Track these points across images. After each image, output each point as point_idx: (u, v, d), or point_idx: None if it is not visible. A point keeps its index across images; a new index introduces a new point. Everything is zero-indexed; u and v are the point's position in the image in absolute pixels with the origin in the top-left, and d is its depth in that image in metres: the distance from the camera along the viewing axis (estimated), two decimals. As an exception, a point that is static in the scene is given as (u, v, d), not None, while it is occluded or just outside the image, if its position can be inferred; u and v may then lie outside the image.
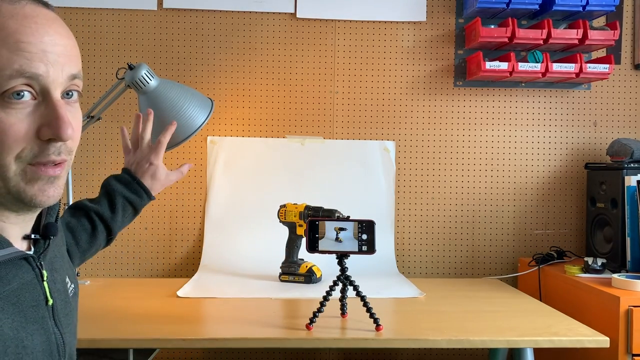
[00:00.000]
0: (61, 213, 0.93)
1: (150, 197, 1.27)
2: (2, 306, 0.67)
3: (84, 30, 1.95)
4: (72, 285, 0.85)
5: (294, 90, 2.01)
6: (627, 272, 1.67)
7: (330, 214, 1.64)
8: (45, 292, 0.75)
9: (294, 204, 1.74)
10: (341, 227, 1.28)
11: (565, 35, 1.86)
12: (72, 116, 0.70)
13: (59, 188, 0.71)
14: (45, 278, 0.75)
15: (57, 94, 0.68)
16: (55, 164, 0.69)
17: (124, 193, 1.22)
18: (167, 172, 1.32)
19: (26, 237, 0.76)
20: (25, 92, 0.65)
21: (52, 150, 0.68)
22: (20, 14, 0.65)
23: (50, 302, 0.75)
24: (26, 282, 0.72)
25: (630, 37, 2.04)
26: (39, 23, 0.66)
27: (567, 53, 1.99)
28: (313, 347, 1.90)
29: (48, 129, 0.66)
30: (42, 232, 0.77)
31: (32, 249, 0.77)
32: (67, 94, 0.70)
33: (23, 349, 0.68)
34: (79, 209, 1.19)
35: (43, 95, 0.67)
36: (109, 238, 1.22)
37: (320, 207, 1.69)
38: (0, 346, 0.64)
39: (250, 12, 1.99)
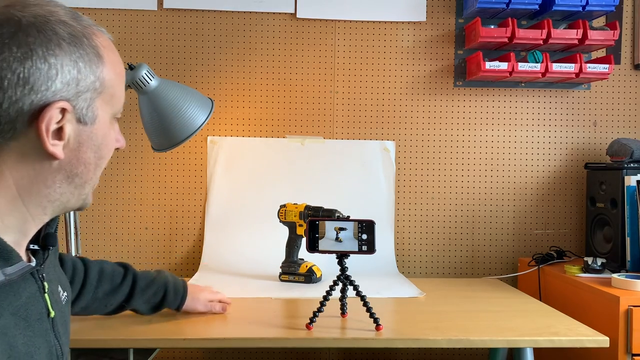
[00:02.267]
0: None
1: (184, 299, 1.35)
2: (16, 321, 0.68)
3: (84, 30, 1.95)
4: (65, 293, 0.86)
5: (294, 90, 2.01)
6: (626, 272, 1.67)
7: (330, 214, 1.64)
8: (47, 304, 0.76)
9: (294, 204, 1.74)
10: (341, 227, 1.28)
11: (565, 35, 1.86)
12: None
13: None
14: (46, 290, 0.77)
15: None
16: None
17: (168, 286, 1.32)
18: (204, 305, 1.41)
19: (26, 249, 0.77)
20: None
21: None
22: (113, 48, 0.78)
23: (52, 314, 0.77)
24: (31, 295, 0.73)
25: (630, 37, 2.04)
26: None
27: (567, 53, 1.99)
28: (313, 347, 1.90)
29: (116, 142, 0.82)
30: (41, 242, 0.79)
31: (33, 260, 0.77)
32: None
33: None
34: (123, 265, 1.30)
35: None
36: (122, 306, 1.28)
37: (320, 207, 1.69)
38: None
39: (250, 12, 1.99)
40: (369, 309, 1.27)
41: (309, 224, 1.29)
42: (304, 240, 1.60)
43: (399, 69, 2.02)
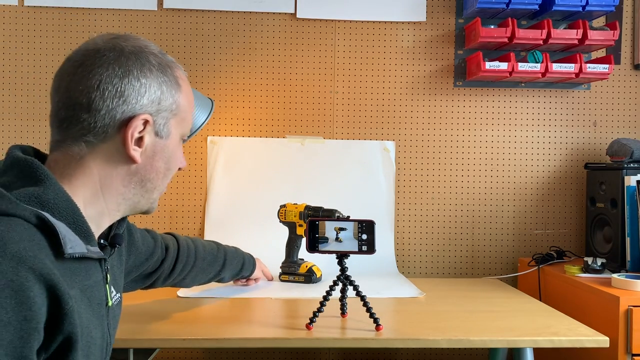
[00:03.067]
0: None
1: (254, 266, 1.64)
2: (82, 297, 0.78)
3: (84, 30, 1.95)
4: (118, 295, 0.96)
5: (294, 90, 2.01)
6: (626, 272, 1.67)
7: (330, 214, 1.64)
8: (107, 293, 0.87)
9: (294, 204, 1.74)
10: (341, 227, 1.28)
11: (565, 35, 1.86)
12: None
13: None
14: (108, 281, 0.88)
15: None
16: None
17: (245, 257, 1.61)
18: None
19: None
20: None
21: None
22: (187, 81, 0.94)
23: (110, 303, 0.87)
24: (97, 281, 0.83)
25: (630, 37, 2.04)
26: None
27: (567, 53, 1.99)
28: (313, 347, 1.90)
29: (181, 162, 0.96)
30: (110, 240, 0.92)
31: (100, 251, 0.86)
32: None
33: (91, 338, 0.78)
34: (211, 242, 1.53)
35: None
36: (219, 272, 1.50)
37: (320, 207, 1.69)
38: (80, 331, 0.73)
39: (250, 12, 1.99)
40: (369, 309, 1.27)
41: (309, 224, 1.29)
42: (304, 241, 1.59)
43: (399, 69, 2.02)
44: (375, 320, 1.26)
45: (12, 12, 1.96)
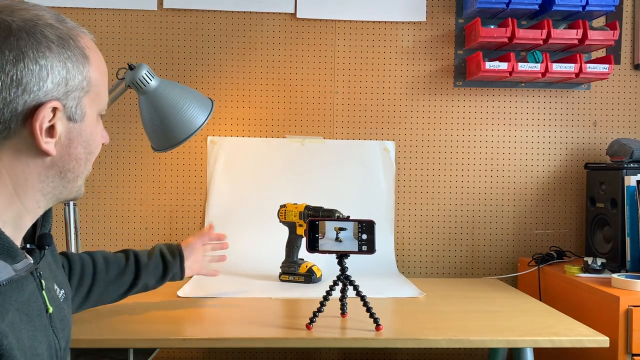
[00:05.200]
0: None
1: (182, 262, 1.42)
2: (20, 317, 0.71)
3: (84, 30, 1.95)
4: (62, 291, 0.89)
5: (294, 90, 2.01)
6: (626, 272, 1.67)
7: (330, 214, 1.64)
8: (45, 301, 0.79)
9: (294, 204, 1.74)
10: (341, 227, 1.28)
11: (565, 35, 1.86)
12: None
13: None
14: (44, 287, 0.80)
15: None
16: None
17: (162, 248, 1.41)
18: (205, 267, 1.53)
19: (22, 248, 0.79)
20: None
21: None
22: (96, 48, 0.81)
23: (50, 310, 0.80)
24: (31, 292, 0.77)
25: (630, 37, 2.04)
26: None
27: (566, 53, 1.99)
28: (313, 347, 1.90)
29: (102, 138, 0.85)
30: (37, 242, 0.83)
31: (30, 259, 0.79)
32: None
33: (37, 357, 0.73)
34: (122, 250, 1.37)
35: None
36: (135, 282, 1.34)
37: (320, 207, 1.69)
38: (22, 357, 0.68)
39: (250, 12, 1.99)
40: (369, 309, 1.27)
41: (309, 224, 1.29)
42: (304, 241, 1.59)
43: (399, 69, 2.03)
44: (375, 320, 1.26)
45: (12, 12, 1.95)
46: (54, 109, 0.73)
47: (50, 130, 0.74)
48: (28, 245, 0.81)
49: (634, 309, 1.42)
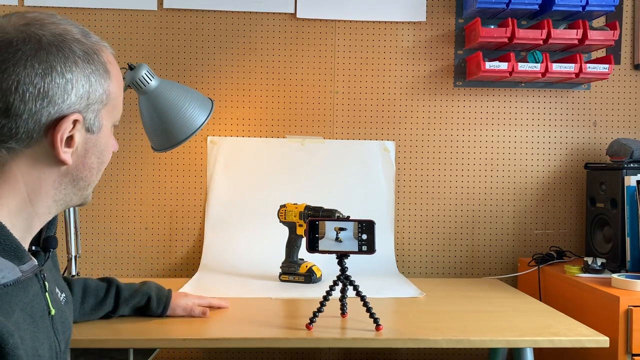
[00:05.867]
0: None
1: (165, 310, 1.35)
2: (24, 317, 0.73)
3: (84, 30, 1.95)
4: (63, 294, 0.91)
5: (294, 90, 2.01)
6: (626, 272, 1.67)
7: (330, 214, 1.64)
8: (48, 302, 0.81)
9: (294, 204, 1.74)
10: (341, 227, 1.28)
11: (565, 35, 1.86)
12: None
13: None
14: (47, 289, 0.81)
15: None
16: None
17: (151, 293, 1.34)
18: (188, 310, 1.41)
19: (28, 250, 0.80)
20: None
21: None
22: (115, 63, 0.85)
23: (53, 312, 0.81)
24: (35, 294, 0.78)
25: (630, 37, 2.04)
26: None
27: (566, 53, 1.99)
28: (313, 347, 1.90)
29: (114, 147, 0.88)
30: (42, 244, 0.85)
31: (34, 260, 0.80)
32: None
33: (39, 358, 0.74)
34: (106, 279, 1.33)
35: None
36: (109, 315, 1.31)
37: (320, 207, 1.69)
38: (25, 356, 0.69)
39: (250, 12, 1.99)
40: (369, 309, 1.27)
41: (309, 224, 1.29)
42: (304, 241, 1.59)
43: (399, 69, 2.02)
44: (375, 320, 1.26)
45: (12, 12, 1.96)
46: (75, 121, 0.76)
47: (69, 141, 0.77)
48: (34, 248, 0.83)
49: (634, 309, 1.42)
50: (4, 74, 0.71)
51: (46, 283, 0.81)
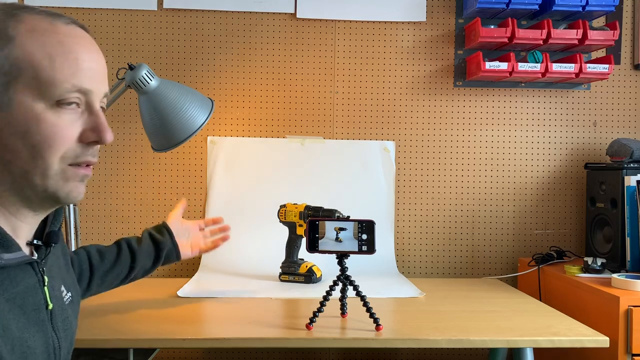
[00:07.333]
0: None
1: (172, 237, 1.40)
2: (10, 307, 0.71)
3: (84, 30, 1.95)
4: (69, 294, 0.89)
5: (294, 90, 2.01)
6: (626, 272, 1.67)
7: (330, 214, 1.64)
8: (46, 296, 0.79)
9: (294, 204, 1.74)
10: (341, 227, 1.28)
11: (565, 35, 1.86)
12: None
13: (85, 186, 0.80)
14: (46, 283, 0.80)
15: (97, 106, 0.78)
16: (87, 165, 0.78)
17: (150, 230, 1.39)
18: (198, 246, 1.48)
19: (29, 244, 0.80)
20: (74, 102, 0.75)
21: (90, 152, 0.77)
22: (75, 35, 0.75)
23: (50, 306, 0.80)
24: (30, 286, 0.76)
25: (630, 37, 2.04)
26: (89, 44, 0.78)
27: (566, 53, 1.99)
28: (313, 347, 1.90)
29: (92, 133, 0.76)
30: (44, 239, 0.83)
31: (35, 254, 0.80)
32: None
33: (27, 348, 0.72)
34: (115, 242, 1.35)
35: (87, 106, 0.77)
36: (132, 266, 1.33)
37: (320, 207, 1.69)
38: (9, 344, 0.68)
39: (250, 12, 1.99)
40: (369, 309, 1.27)
41: (309, 224, 1.29)
42: (304, 241, 1.59)
43: (399, 69, 2.02)
44: (375, 320, 1.26)
45: (12, 12, 1.95)
46: None
47: None
48: (35, 241, 0.81)
49: (634, 309, 1.42)
50: None
51: (45, 277, 0.79)
